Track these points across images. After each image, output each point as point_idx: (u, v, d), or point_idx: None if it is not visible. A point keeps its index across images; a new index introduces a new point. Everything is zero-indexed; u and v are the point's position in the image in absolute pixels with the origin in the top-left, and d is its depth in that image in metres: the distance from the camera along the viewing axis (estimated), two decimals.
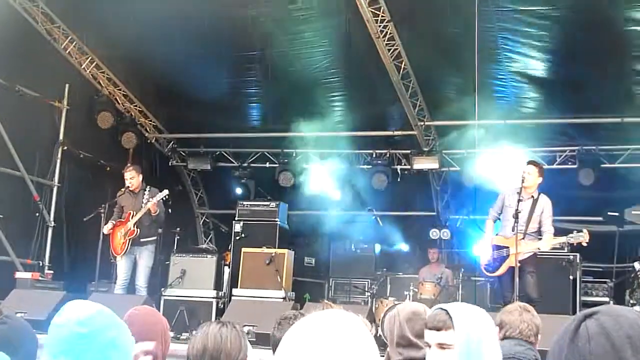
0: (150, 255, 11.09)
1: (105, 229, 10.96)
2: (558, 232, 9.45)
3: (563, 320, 2.40)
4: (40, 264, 12.75)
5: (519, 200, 9.15)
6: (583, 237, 9.02)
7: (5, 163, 12.35)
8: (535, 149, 13.81)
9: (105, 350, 2.56)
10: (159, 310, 9.00)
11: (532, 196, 9.43)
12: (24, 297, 9.57)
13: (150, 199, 10.83)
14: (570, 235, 9.14)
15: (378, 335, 10.62)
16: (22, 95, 12.53)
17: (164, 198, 10.99)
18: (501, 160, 13.45)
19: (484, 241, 9.86)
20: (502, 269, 9.36)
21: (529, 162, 9.72)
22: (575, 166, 13.62)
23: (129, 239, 10.81)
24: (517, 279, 8.89)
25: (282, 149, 15.52)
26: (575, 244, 9.48)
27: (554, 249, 11.79)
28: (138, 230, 10.83)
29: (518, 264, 9.00)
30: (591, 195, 13.38)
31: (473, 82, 11.68)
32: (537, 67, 12.14)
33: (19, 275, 11.50)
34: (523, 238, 9.21)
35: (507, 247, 9.30)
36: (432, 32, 12.00)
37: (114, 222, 11.03)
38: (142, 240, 10.96)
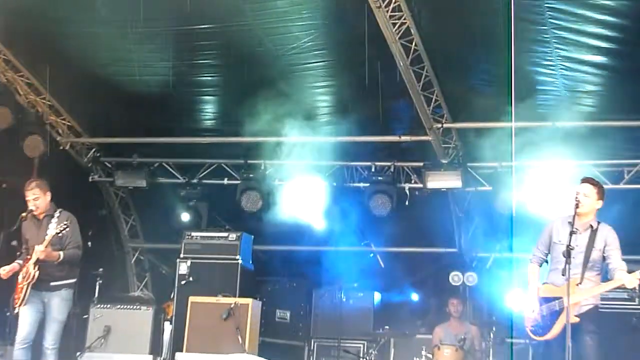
0: (63, 305, 10.88)
1: (3, 271, 10.79)
2: None
3: None
4: None
5: (572, 233, 9.05)
6: None
7: None
8: (594, 162, 13.89)
9: None
10: None
11: (591, 226, 9.33)
12: None
13: (55, 227, 10.66)
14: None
15: None
16: None
17: (64, 225, 10.73)
18: (548, 176, 13.51)
19: (528, 293, 9.70)
20: (555, 330, 9.14)
21: (585, 180, 9.56)
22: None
23: (26, 285, 10.62)
24: (568, 345, 8.74)
25: (245, 159, 15.53)
26: None
27: (620, 300, 11.89)
28: (37, 272, 10.58)
29: (575, 320, 8.91)
30: None
31: (509, 69, 11.75)
32: (599, 50, 12.20)
33: None
34: (580, 283, 9.13)
35: (560, 299, 9.14)
36: (454, 1, 12.08)
37: (20, 262, 10.89)
38: (52, 284, 10.82)
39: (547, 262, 9.54)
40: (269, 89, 13.55)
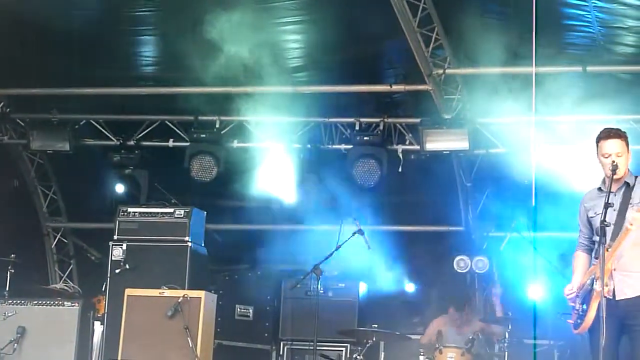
0: None
1: None
2: None
3: None
4: None
5: (608, 206, 9.03)
6: None
7: None
8: (634, 117, 13.95)
9: None
10: None
11: (626, 183, 9.36)
12: None
13: None
14: None
15: None
16: None
17: None
18: (579, 135, 13.56)
19: (572, 284, 9.71)
20: (590, 315, 9.17)
21: (612, 135, 9.54)
22: None
23: None
24: (603, 327, 8.73)
25: (196, 116, 15.54)
26: None
27: None
28: None
29: (624, 308, 8.94)
30: None
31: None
32: None
33: None
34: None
35: (594, 277, 9.17)
36: None
37: None
38: None
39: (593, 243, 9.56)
40: (224, 25, 13.52)
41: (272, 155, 15.18)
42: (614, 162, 9.00)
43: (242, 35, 13.31)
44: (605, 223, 8.67)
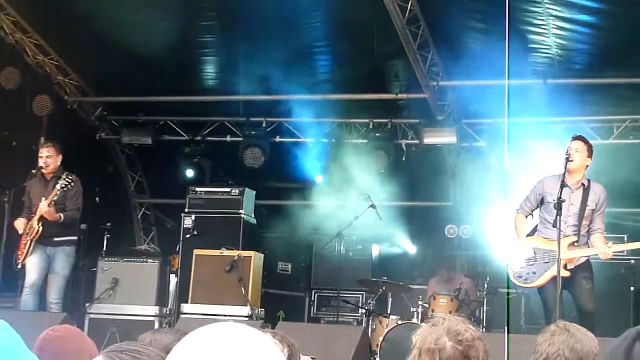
0: (66, 260, 11.07)
1: (17, 224, 10.95)
2: (613, 230, 9.51)
3: None
4: None
5: (563, 186, 9.03)
6: None
7: None
8: (585, 118, 13.89)
9: None
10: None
11: (582, 184, 9.38)
12: None
13: (59, 189, 10.79)
14: None
15: None
16: None
17: (65, 187, 10.88)
18: (541, 132, 13.51)
19: (514, 241, 9.78)
20: (544, 279, 9.29)
21: (576, 137, 9.60)
22: (638, 141, 13.66)
23: (30, 240, 10.77)
24: (558, 291, 8.90)
25: (247, 117, 15.51)
26: None
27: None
28: (41, 227, 10.75)
29: (568, 272, 9.05)
30: None
31: (503, 28, 11.70)
32: (590, 9, 12.17)
33: None
34: (577, 241, 9.22)
35: (550, 251, 9.21)
36: None
37: (25, 218, 11.01)
38: (56, 239, 10.95)
39: (532, 215, 9.65)
40: (269, 47, 13.50)
41: (305, 148, 15.16)
42: (568, 152, 9.05)
43: (279, 58, 13.32)
44: (562, 200, 8.74)
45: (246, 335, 1.66)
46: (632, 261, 12.32)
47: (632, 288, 12.10)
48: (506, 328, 9.57)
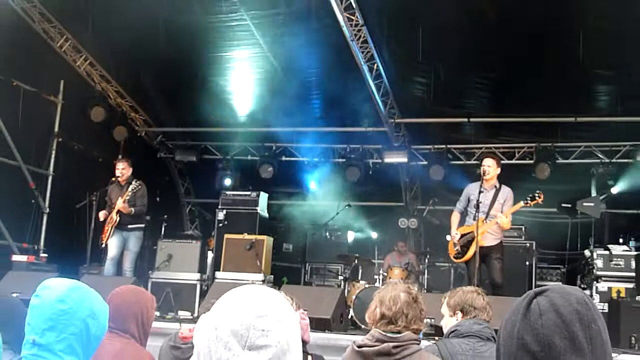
0: (137, 241, 11.15)
1: (100, 215, 11.09)
2: (515, 222, 9.59)
3: None
4: (35, 248, 12.71)
5: (480, 192, 9.23)
6: (539, 197, 9.14)
7: (3, 153, 12.33)
8: (496, 145, 13.89)
9: (85, 321, 2.58)
10: None
11: (495, 186, 9.52)
12: (20, 278, 9.51)
13: (131, 191, 10.91)
14: (528, 197, 9.23)
15: (350, 316, 10.65)
16: (19, 90, 12.52)
17: (135, 190, 10.95)
18: (465, 154, 13.54)
19: (451, 231, 9.85)
20: (469, 254, 9.38)
21: (487, 156, 9.84)
22: (532, 161, 13.67)
23: (110, 227, 10.89)
24: (477, 261, 8.98)
25: (262, 143, 15.51)
26: (532, 205, 9.41)
27: (513, 237, 11.96)
28: (118, 218, 10.85)
29: (485, 249, 9.14)
30: (546, 188, 13.36)
31: (440, 82, 11.74)
32: (495, 69, 12.19)
33: (15, 258, 11.47)
34: (485, 219, 9.29)
35: (471, 232, 9.32)
36: (401, 37, 11.99)
37: (107, 211, 11.10)
38: (129, 226, 11.05)
39: (465, 212, 9.75)
40: (280, 95, 13.47)
41: (302, 164, 15.16)
42: (484, 169, 9.21)
43: (289, 102, 13.31)
44: (480, 201, 8.91)
45: (267, 290, 1.71)
46: (527, 244, 12.33)
47: (527, 263, 12.10)
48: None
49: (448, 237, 10.05)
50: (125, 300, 4.16)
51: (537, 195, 9.16)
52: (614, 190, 13.26)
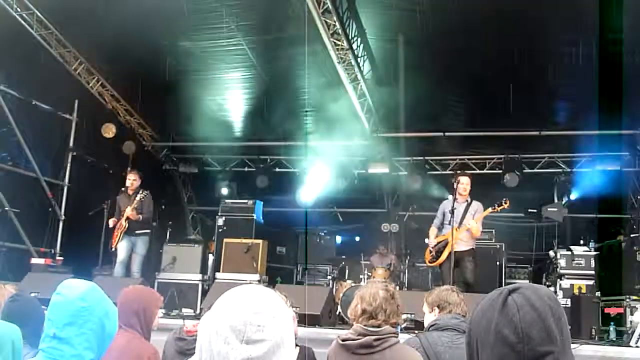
0: (143, 245, 11.14)
1: (110, 222, 11.05)
2: (486, 227, 9.66)
3: None
4: (52, 252, 12.68)
5: (454, 201, 9.31)
6: (505, 203, 9.37)
7: (23, 166, 12.36)
8: (469, 157, 13.94)
9: (101, 319, 2.60)
10: None
11: (467, 200, 9.61)
12: (38, 280, 9.48)
13: (138, 200, 10.89)
14: (495, 204, 9.40)
15: (338, 312, 10.63)
16: (38, 109, 12.60)
17: (142, 199, 10.94)
18: (442, 165, 13.57)
19: (429, 243, 9.91)
20: (443, 257, 9.45)
21: (464, 174, 9.96)
22: (501, 171, 13.72)
23: (120, 232, 10.87)
24: (452, 263, 9.05)
25: (258, 155, 15.50)
26: (499, 210, 9.62)
27: (484, 240, 11.99)
28: (127, 224, 10.83)
29: (458, 254, 9.18)
30: (514, 195, 13.44)
31: (417, 99, 11.77)
32: (468, 88, 12.24)
33: (34, 261, 11.43)
34: (458, 228, 9.33)
35: (446, 239, 9.41)
36: (381, 59, 12.05)
37: (116, 218, 11.07)
38: (136, 232, 11.03)
39: (442, 226, 9.82)
40: (274, 111, 13.46)
41: (294, 174, 15.16)
42: (464, 186, 9.35)
43: (281, 118, 13.28)
44: (454, 208, 8.97)
45: (263, 290, 1.73)
46: (498, 246, 12.39)
47: (497, 262, 12.14)
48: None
49: (426, 241, 10.10)
50: (128, 298, 4.26)
51: (503, 201, 9.36)
52: (574, 196, 13.39)
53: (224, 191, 15.79)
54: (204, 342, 1.64)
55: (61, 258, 12.46)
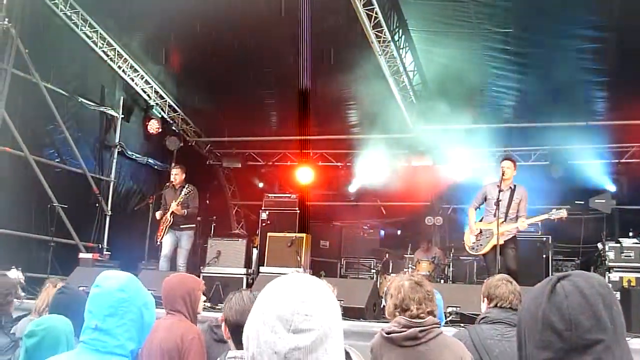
0: (188, 239, 11.22)
1: (157, 214, 11.16)
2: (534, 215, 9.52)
3: None
4: (99, 247, 12.89)
5: (500, 191, 9.15)
6: (562, 214, 9.07)
7: (70, 162, 12.51)
8: (514, 149, 13.74)
9: (140, 309, 2.61)
10: None
11: (510, 187, 9.41)
12: (86, 274, 9.58)
13: (184, 195, 10.94)
14: (551, 212, 9.17)
15: (382, 305, 10.56)
16: (83, 106, 12.79)
17: (187, 193, 10.99)
18: (484, 158, 13.41)
19: (468, 226, 9.81)
20: (487, 249, 9.31)
21: (505, 158, 9.73)
22: (547, 162, 13.51)
23: (165, 226, 10.96)
24: (498, 256, 8.88)
25: (301, 150, 15.48)
26: (555, 220, 9.33)
27: (530, 232, 11.81)
28: (172, 219, 10.92)
29: (501, 243, 9.02)
30: (560, 187, 13.28)
31: (468, 93, 11.66)
32: (517, 80, 12.06)
33: (82, 255, 11.59)
34: (504, 221, 9.19)
35: (490, 230, 9.26)
36: (431, 50, 11.93)
37: (162, 212, 11.17)
38: (181, 226, 11.13)
39: (478, 208, 9.72)
40: (318, 105, 13.40)
41: (337, 168, 15.11)
42: (503, 169, 9.13)
43: (325, 112, 13.21)
44: (500, 199, 8.85)
45: (310, 278, 1.70)
46: (544, 238, 12.20)
47: (544, 256, 11.96)
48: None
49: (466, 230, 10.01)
50: (172, 284, 4.49)
51: (561, 212, 9.11)
52: (621, 188, 13.15)
53: (267, 185, 15.84)
54: (250, 331, 1.62)
55: (108, 253, 12.64)
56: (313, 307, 1.60)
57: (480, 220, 9.68)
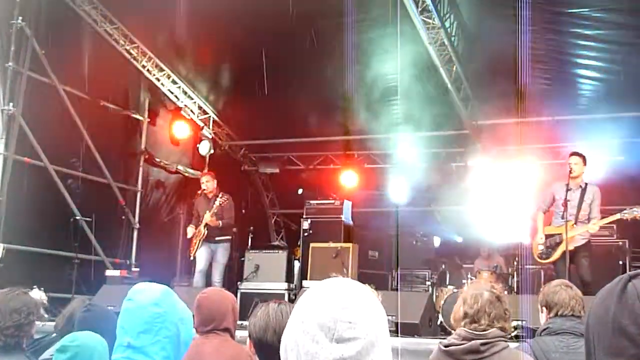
0: (224, 253, 11.30)
1: (189, 232, 11.22)
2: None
3: None
4: (127, 262, 13.01)
5: (568, 190, 9.02)
6: (637, 212, 8.82)
7: (93, 171, 12.64)
8: (585, 142, 13.55)
9: (177, 325, 2.62)
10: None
11: (580, 186, 9.26)
12: (113, 292, 9.71)
13: (218, 205, 10.99)
14: (625, 211, 8.95)
15: (439, 322, 10.53)
16: (106, 110, 12.88)
17: (222, 203, 11.05)
18: (550, 155, 13.26)
19: (534, 231, 9.69)
20: (556, 255, 9.20)
21: (573, 154, 9.51)
22: (622, 158, 13.30)
23: (198, 240, 11.02)
24: (567, 263, 8.78)
25: (344, 151, 15.49)
26: (629, 220, 9.11)
27: (604, 236, 11.64)
28: (206, 231, 10.99)
29: (573, 249, 8.92)
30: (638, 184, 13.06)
31: (521, 83, 11.52)
32: (589, 67, 11.94)
33: (109, 272, 11.75)
34: (574, 224, 9.06)
35: (560, 234, 9.12)
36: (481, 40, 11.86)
37: (195, 225, 11.24)
38: (217, 239, 11.19)
39: (547, 211, 9.63)
40: (361, 101, 13.42)
41: (386, 170, 15.07)
42: (570, 166, 9.03)
43: (368, 108, 13.22)
44: (568, 200, 8.78)
45: (352, 283, 1.73)
46: (620, 243, 12.03)
47: (620, 262, 11.80)
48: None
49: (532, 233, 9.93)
50: (214, 300, 4.39)
51: (635, 210, 8.87)
52: None
53: (307, 191, 15.88)
54: (289, 342, 1.63)
55: (137, 269, 12.77)
56: (357, 314, 1.61)
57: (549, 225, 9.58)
